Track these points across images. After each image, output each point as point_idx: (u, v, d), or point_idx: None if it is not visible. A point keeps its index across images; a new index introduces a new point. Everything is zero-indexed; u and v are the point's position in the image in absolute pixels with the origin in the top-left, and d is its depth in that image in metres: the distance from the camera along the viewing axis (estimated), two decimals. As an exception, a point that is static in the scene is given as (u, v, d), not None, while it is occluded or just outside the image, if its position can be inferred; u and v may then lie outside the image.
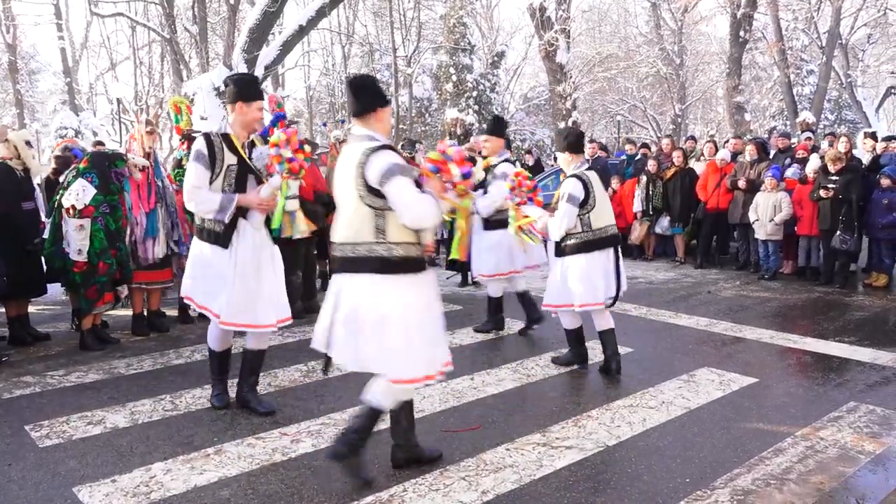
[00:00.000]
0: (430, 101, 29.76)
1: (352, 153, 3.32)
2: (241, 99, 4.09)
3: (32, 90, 36.47)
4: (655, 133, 31.42)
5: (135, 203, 6.13)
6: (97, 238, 5.65)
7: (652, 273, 9.69)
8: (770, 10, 21.44)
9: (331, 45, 32.10)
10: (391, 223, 3.24)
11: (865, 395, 4.71)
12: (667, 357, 5.64)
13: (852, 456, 3.78)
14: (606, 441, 3.96)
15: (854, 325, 6.66)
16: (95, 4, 19.06)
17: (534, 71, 35.06)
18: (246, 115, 4.12)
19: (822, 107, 23.39)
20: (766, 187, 8.87)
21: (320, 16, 13.78)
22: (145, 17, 23.54)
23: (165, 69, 26.47)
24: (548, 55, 20.09)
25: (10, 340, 6.03)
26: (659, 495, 3.35)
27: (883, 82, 28.35)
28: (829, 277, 8.56)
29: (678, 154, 10.30)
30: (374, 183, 3.19)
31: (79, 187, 5.64)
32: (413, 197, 3.19)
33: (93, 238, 5.64)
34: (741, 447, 3.88)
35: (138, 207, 6.14)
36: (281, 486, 3.46)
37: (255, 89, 4.22)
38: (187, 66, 19.19)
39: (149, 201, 6.18)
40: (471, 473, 3.57)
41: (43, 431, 4.13)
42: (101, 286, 5.78)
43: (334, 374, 5.16)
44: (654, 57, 29.35)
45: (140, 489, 3.41)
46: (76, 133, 24.11)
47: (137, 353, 5.79)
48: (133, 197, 6.12)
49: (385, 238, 3.25)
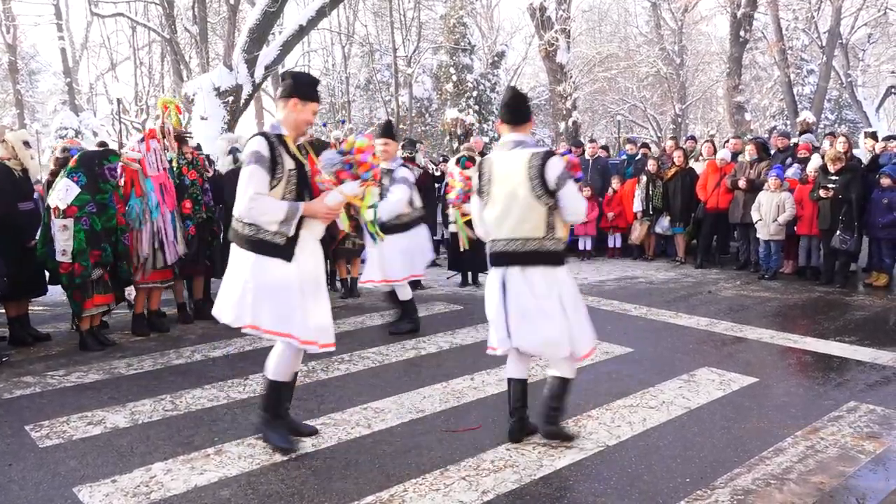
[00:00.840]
0: (430, 101, 29.76)
1: (518, 156, 3.72)
2: (298, 95, 3.70)
3: (33, 90, 36.49)
4: (656, 133, 31.43)
5: (161, 202, 6.10)
6: (76, 239, 5.57)
7: (652, 273, 9.69)
8: (770, 10, 21.44)
9: (331, 45, 32.16)
10: (558, 220, 3.76)
11: (866, 395, 4.71)
12: (667, 357, 5.64)
13: (852, 456, 3.77)
14: (606, 441, 3.96)
15: (854, 325, 6.66)
16: (95, 5, 19.06)
17: (534, 71, 35.07)
18: (300, 114, 3.71)
19: (822, 106, 23.40)
20: (768, 187, 8.87)
21: (320, 16, 13.79)
22: (145, 17, 23.55)
23: (166, 69, 26.49)
24: (548, 55, 20.08)
25: (11, 340, 6.03)
26: (659, 495, 3.35)
27: (883, 82, 28.32)
28: (829, 277, 8.56)
29: (679, 154, 10.30)
30: (551, 185, 3.63)
31: (62, 187, 5.62)
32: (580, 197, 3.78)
33: (74, 239, 5.59)
34: (741, 447, 3.87)
35: (164, 206, 6.12)
36: (281, 486, 3.45)
37: (315, 91, 3.84)
38: (187, 67, 19.20)
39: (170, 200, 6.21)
40: (471, 473, 3.56)
41: (43, 431, 4.13)
42: (82, 288, 5.72)
43: (333, 374, 5.17)
44: (654, 57, 29.35)
45: (140, 489, 3.41)
46: (76, 133, 24.13)
47: (138, 353, 5.79)
48: (158, 196, 6.11)
49: (554, 234, 3.73)
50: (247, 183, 3.52)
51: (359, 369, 5.31)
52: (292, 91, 3.72)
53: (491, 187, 3.80)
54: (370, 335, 6.34)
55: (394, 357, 5.64)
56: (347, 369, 5.30)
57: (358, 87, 32.39)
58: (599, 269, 9.98)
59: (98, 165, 5.79)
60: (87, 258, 5.63)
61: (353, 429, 4.13)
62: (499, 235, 3.79)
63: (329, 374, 5.16)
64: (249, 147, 3.61)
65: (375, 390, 4.79)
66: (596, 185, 10.98)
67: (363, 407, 4.47)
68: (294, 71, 4.34)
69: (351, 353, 5.67)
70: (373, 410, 4.42)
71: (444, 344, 6.03)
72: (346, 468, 3.64)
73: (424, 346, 5.97)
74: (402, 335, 6.24)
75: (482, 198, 3.87)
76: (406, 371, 5.30)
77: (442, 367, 5.32)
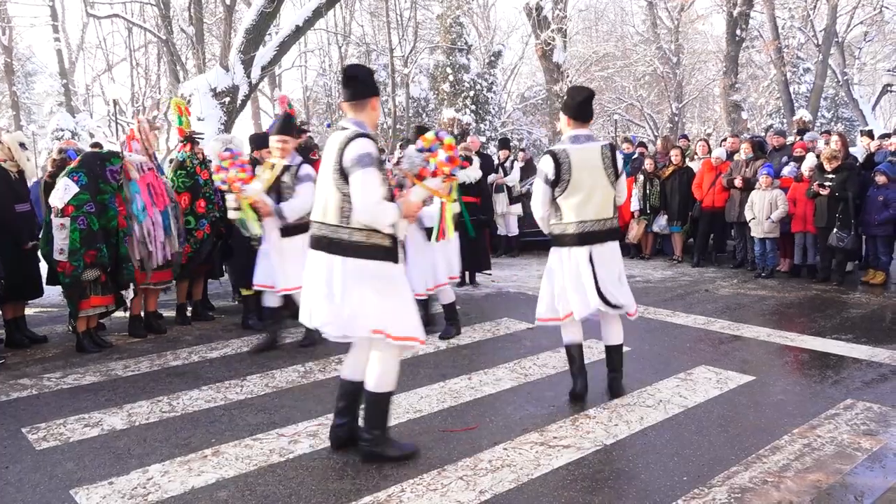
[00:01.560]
0: (427, 101, 29.72)
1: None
2: (378, 94, 3.68)
3: (29, 92, 36.43)
4: (653, 132, 31.43)
5: (148, 203, 6.09)
6: (71, 238, 5.57)
7: (649, 272, 9.70)
8: (766, 9, 21.46)
9: (327, 45, 32.11)
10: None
11: (862, 393, 4.72)
12: (664, 355, 5.64)
13: (849, 453, 3.78)
14: (604, 440, 3.96)
15: (851, 323, 6.67)
16: (91, 6, 19.02)
17: (531, 70, 35.06)
18: (377, 111, 3.67)
19: (818, 105, 23.42)
20: (760, 185, 8.89)
21: (317, 16, 13.77)
22: (141, 18, 23.52)
23: (162, 70, 26.46)
24: (544, 54, 20.10)
25: (7, 343, 6.02)
26: (656, 494, 3.35)
27: (879, 80, 28.41)
28: (826, 275, 8.58)
29: (676, 153, 10.31)
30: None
31: (62, 186, 5.62)
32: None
33: (68, 238, 5.58)
34: (738, 445, 3.88)
35: (152, 207, 6.11)
36: (279, 487, 3.45)
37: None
38: (184, 68, 19.15)
39: (160, 200, 6.18)
40: (468, 473, 3.56)
41: (40, 434, 4.13)
42: (78, 288, 5.70)
43: (331, 375, 5.17)
44: (650, 56, 29.33)
45: (137, 491, 3.41)
46: (73, 135, 24.08)
47: (135, 354, 5.79)
48: (145, 197, 6.08)
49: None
50: (371, 187, 3.38)
51: (356, 370, 5.30)
52: (375, 89, 3.65)
53: (571, 176, 4.35)
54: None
55: (391, 357, 5.62)
56: (345, 370, 5.29)
57: (355, 88, 32.23)
58: (597, 269, 9.96)
59: (100, 167, 5.79)
60: (80, 258, 5.60)
61: (351, 429, 4.12)
62: (584, 217, 4.38)
63: (326, 375, 5.16)
64: (362, 149, 3.39)
65: (373, 391, 4.78)
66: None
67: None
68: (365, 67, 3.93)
69: (348, 354, 5.66)
70: (370, 411, 4.41)
71: (442, 344, 6.02)
72: (344, 468, 3.63)
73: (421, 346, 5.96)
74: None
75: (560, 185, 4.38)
76: (403, 371, 5.27)
77: (439, 368, 5.32)
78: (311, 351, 5.77)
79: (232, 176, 5.37)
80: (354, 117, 3.58)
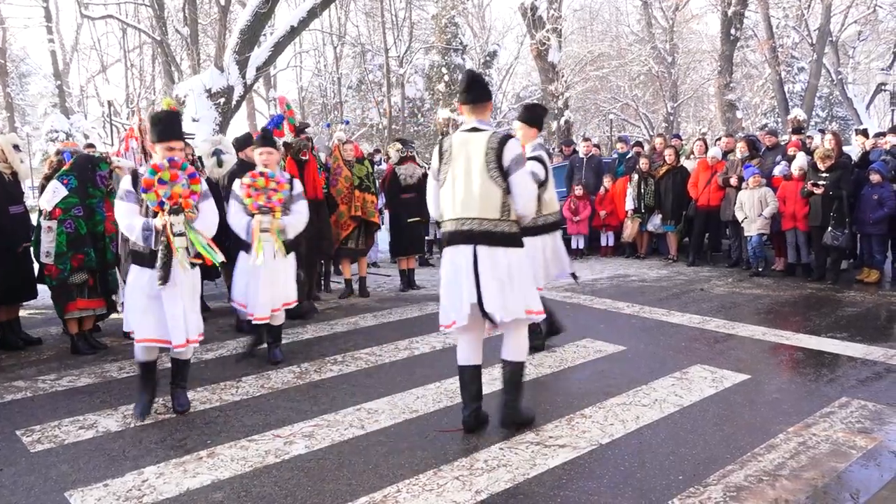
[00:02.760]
0: (422, 102, 29.76)
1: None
2: (491, 99, 4.06)
3: (23, 93, 36.36)
4: (648, 131, 31.51)
5: None
6: (57, 241, 5.55)
7: (644, 271, 9.72)
8: (760, 8, 21.54)
9: (322, 45, 32.10)
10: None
11: (857, 391, 4.73)
12: (659, 354, 5.65)
13: (844, 451, 3.79)
14: (600, 439, 3.96)
15: (846, 321, 6.69)
16: (86, 7, 18.98)
17: (526, 70, 35.14)
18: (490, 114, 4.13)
19: (813, 104, 23.52)
20: (747, 185, 8.94)
21: (311, 16, 13.76)
22: (136, 19, 23.48)
23: (156, 71, 26.44)
24: (539, 54, 20.13)
25: (1, 345, 5.99)
26: (652, 492, 3.35)
27: (873, 79, 28.46)
28: (820, 274, 8.60)
29: (670, 152, 10.33)
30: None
31: (51, 188, 5.61)
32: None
33: (55, 241, 5.56)
34: (734, 444, 3.88)
35: None
36: (274, 488, 3.45)
37: None
38: (178, 68, 19.14)
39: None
40: (464, 473, 3.56)
41: (34, 436, 4.11)
42: (63, 290, 5.67)
43: (326, 375, 5.16)
44: (645, 55, 29.40)
45: (132, 493, 3.40)
46: (67, 136, 24.03)
47: (129, 356, 5.73)
48: None
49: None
50: (531, 185, 3.96)
51: (352, 370, 5.31)
52: (490, 94, 4.07)
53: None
54: (363, 336, 6.34)
55: (387, 358, 5.63)
56: (340, 370, 5.29)
57: (350, 88, 32.36)
58: (592, 268, 9.99)
59: (91, 170, 5.79)
60: (66, 261, 5.58)
61: (347, 430, 4.13)
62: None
63: (322, 376, 5.16)
64: (518, 149, 3.82)
65: (369, 391, 4.79)
66: (590, 183, 11.00)
67: (356, 408, 4.47)
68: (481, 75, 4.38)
69: (344, 354, 5.67)
70: (366, 411, 4.42)
71: (437, 344, 6.02)
72: (340, 469, 3.63)
73: (417, 346, 5.96)
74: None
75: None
76: (399, 371, 5.29)
77: (435, 368, 5.32)
78: (307, 352, 5.77)
79: (179, 190, 4.10)
80: (479, 118, 3.90)
